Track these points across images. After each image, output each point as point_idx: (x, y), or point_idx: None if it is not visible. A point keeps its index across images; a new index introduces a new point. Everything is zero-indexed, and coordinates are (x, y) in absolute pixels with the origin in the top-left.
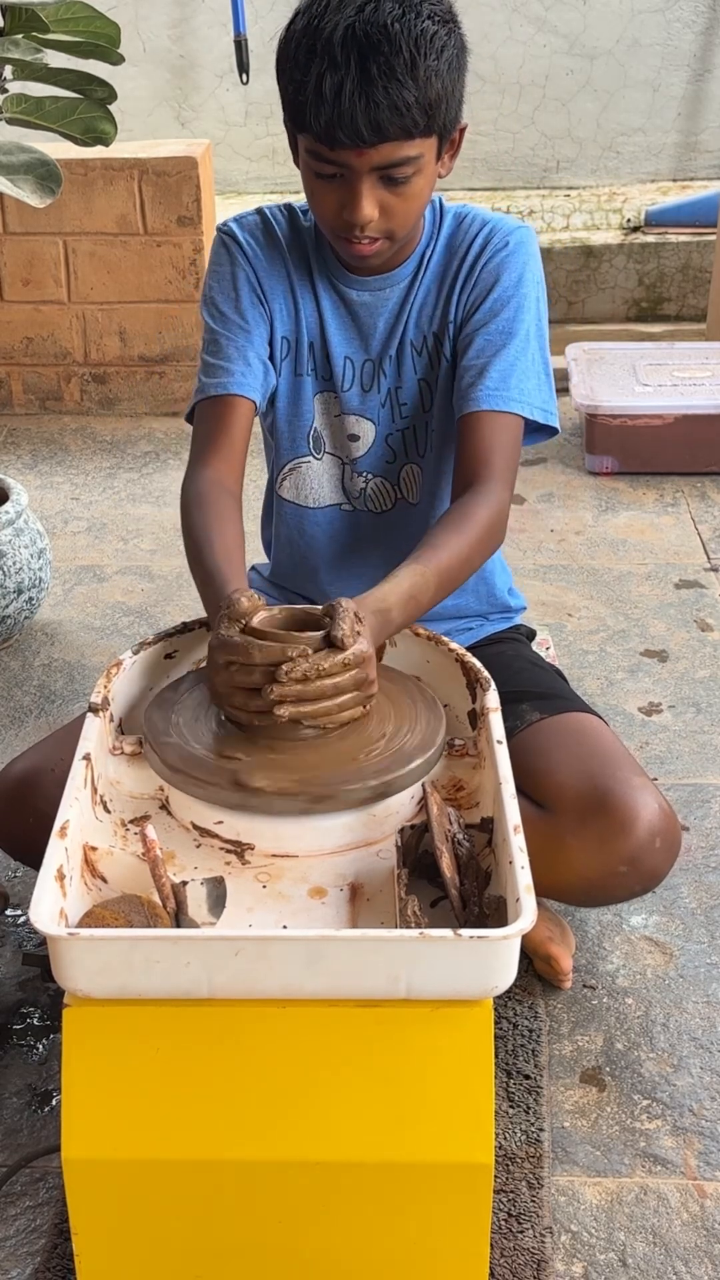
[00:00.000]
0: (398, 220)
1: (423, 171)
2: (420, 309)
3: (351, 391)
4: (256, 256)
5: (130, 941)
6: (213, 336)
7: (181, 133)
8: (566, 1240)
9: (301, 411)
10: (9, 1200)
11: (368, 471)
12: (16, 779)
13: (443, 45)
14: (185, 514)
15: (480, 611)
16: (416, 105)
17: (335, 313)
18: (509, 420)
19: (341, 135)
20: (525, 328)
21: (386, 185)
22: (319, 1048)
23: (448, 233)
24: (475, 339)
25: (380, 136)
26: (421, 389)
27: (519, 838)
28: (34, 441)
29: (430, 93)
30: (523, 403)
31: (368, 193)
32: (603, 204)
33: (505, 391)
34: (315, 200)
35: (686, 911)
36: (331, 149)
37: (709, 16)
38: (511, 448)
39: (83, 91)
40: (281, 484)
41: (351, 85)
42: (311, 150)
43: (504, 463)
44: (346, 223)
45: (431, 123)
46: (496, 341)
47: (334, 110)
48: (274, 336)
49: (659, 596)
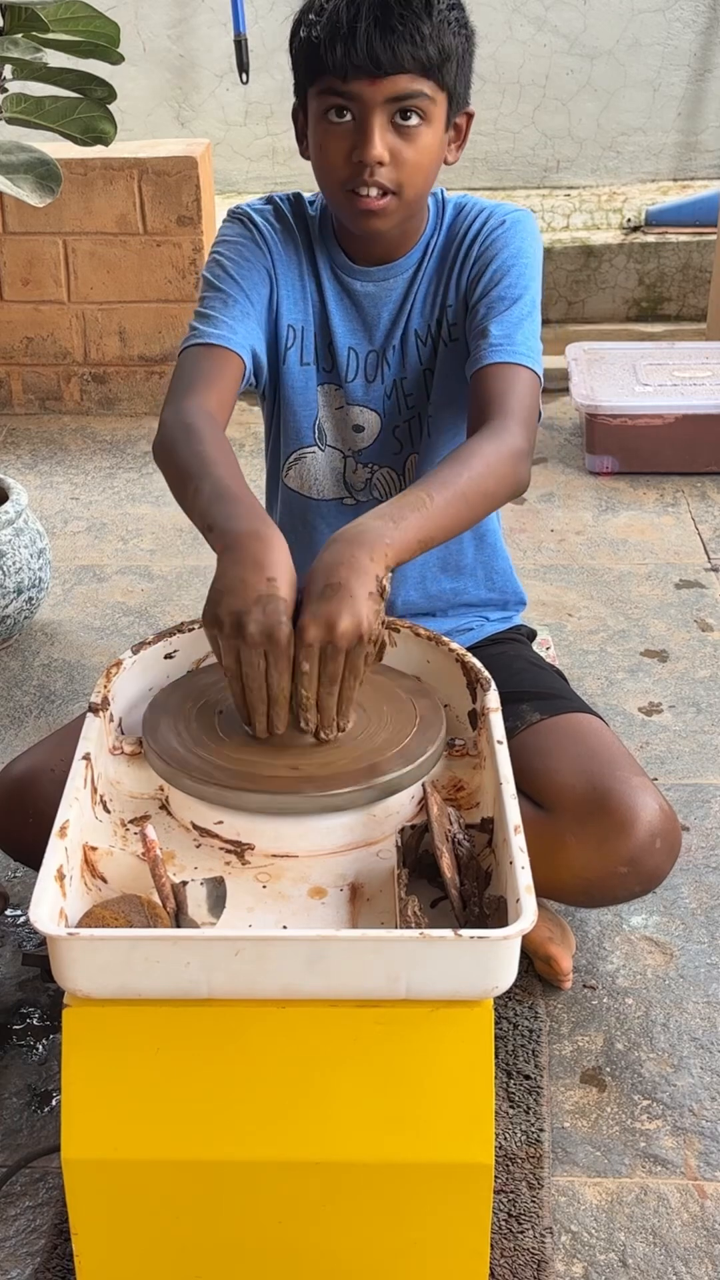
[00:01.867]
0: (406, 171)
1: (431, 124)
2: (424, 297)
3: (356, 383)
4: (274, 239)
5: (130, 941)
6: (215, 293)
7: (181, 132)
8: (566, 1240)
9: (307, 401)
10: (9, 1200)
11: (373, 463)
12: (16, 779)
13: (456, 10)
14: (170, 441)
15: (483, 599)
16: (431, 40)
17: (339, 303)
18: (519, 370)
19: (357, 61)
20: (530, 295)
21: (397, 130)
22: (319, 1048)
23: (449, 221)
24: (479, 307)
25: (395, 65)
26: (425, 378)
27: (519, 838)
28: (34, 441)
29: (443, 38)
30: (530, 359)
31: (379, 130)
32: (603, 204)
33: (512, 346)
34: (325, 152)
35: (686, 911)
36: (345, 81)
37: (709, 16)
38: (525, 395)
39: (82, 91)
40: (287, 473)
41: (368, 19)
42: (325, 90)
43: (517, 404)
44: (358, 164)
45: (444, 72)
46: (499, 307)
47: (350, 39)
48: (280, 323)
49: (659, 596)
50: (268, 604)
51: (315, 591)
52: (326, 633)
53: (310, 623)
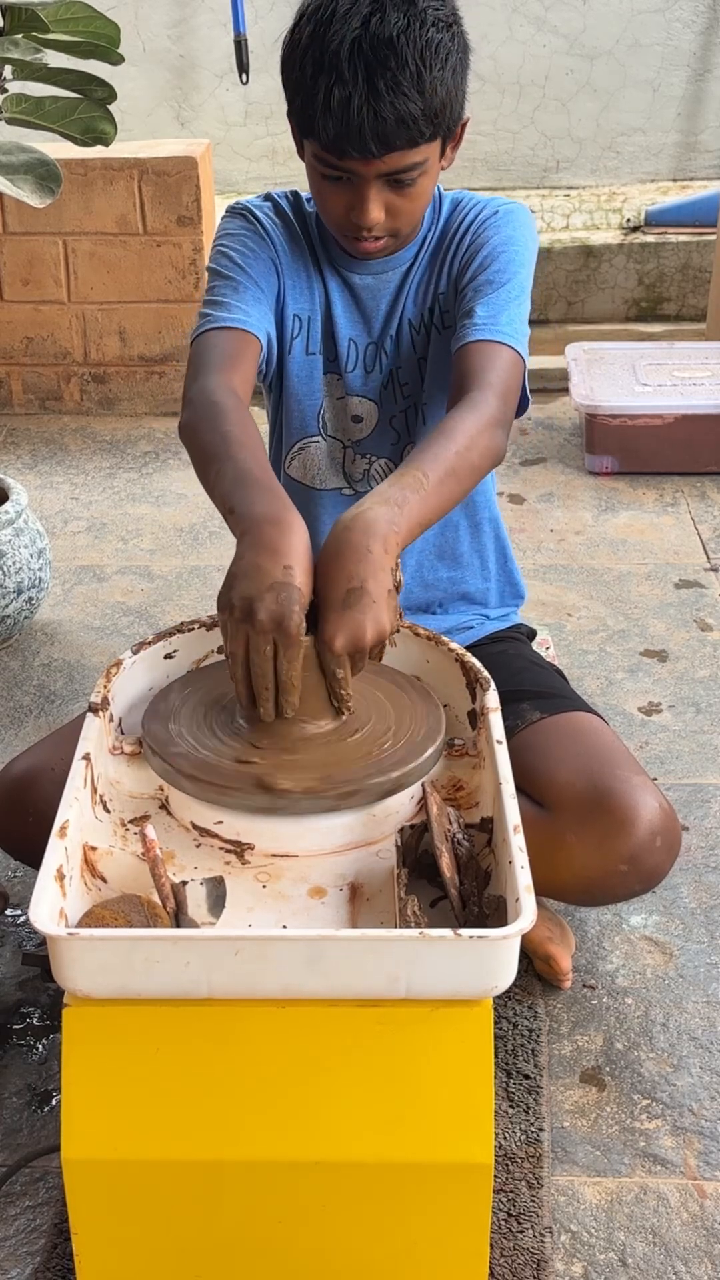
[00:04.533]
0: (403, 219)
1: (428, 173)
2: (418, 287)
3: (355, 373)
4: (275, 231)
5: (130, 941)
6: (224, 281)
7: (181, 133)
8: (566, 1240)
9: (313, 390)
10: (9, 1200)
11: (371, 453)
12: (16, 778)
13: (447, 53)
14: (195, 420)
15: (480, 589)
16: (423, 116)
17: (341, 294)
18: (501, 348)
19: (349, 147)
20: (519, 281)
21: (393, 188)
22: (319, 1048)
23: (445, 216)
24: (467, 290)
25: (387, 148)
26: (420, 367)
27: (519, 837)
28: (34, 441)
29: (435, 102)
30: (515, 340)
31: (374, 197)
32: (603, 204)
33: (496, 325)
34: (322, 200)
35: (686, 911)
36: (339, 159)
37: (709, 16)
38: (505, 371)
39: (82, 91)
40: (290, 463)
41: (359, 99)
42: (318, 155)
43: (495, 378)
44: (354, 224)
45: (436, 129)
46: (486, 290)
47: (342, 123)
48: (286, 313)
49: (659, 596)
50: (281, 591)
51: (338, 597)
52: (355, 643)
53: (339, 633)
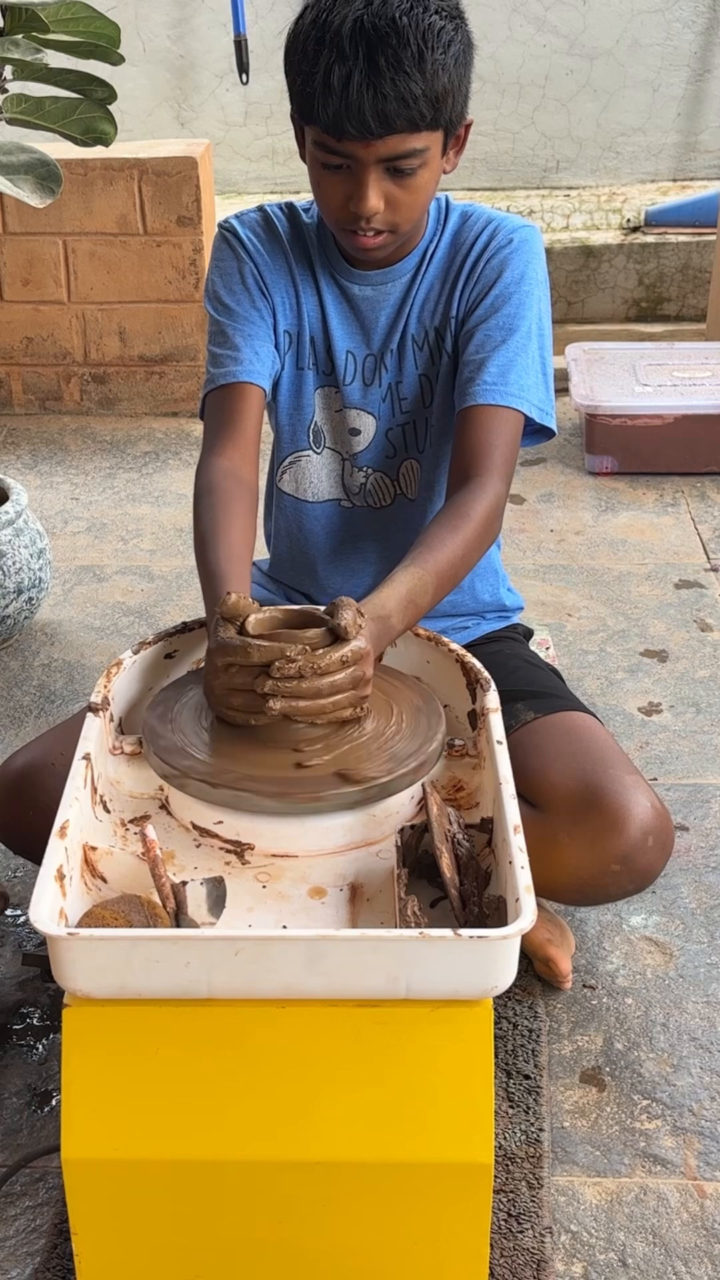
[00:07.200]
0: (402, 213)
1: (428, 165)
2: (423, 304)
3: (353, 386)
4: (258, 250)
5: (130, 941)
6: (218, 328)
7: (181, 133)
8: (566, 1240)
9: (303, 405)
10: (9, 1200)
11: (368, 466)
12: (17, 773)
13: (450, 40)
14: (196, 505)
15: (475, 610)
16: (424, 97)
17: (337, 307)
18: (508, 415)
19: (349, 126)
20: (526, 325)
21: (392, 177)
22: (319, 1048)
23: (453, 229)
24: (476, 333)
25: (387, 128)
26: (422, 384)
27: (519, 838)
28: (34, 441)
29: (437, 86)
30: (522, 399)
31: (373, 184)
32: (602, 204)
33: (504, 386)
34: (321, 192)
35: (686, 911)
36: (339, 140)
37: (709, 16)
38: (510, 443)
39: (83, 91)
40: (281, 477)
41: (359, 77)
42: (318, 141)
43: (502, 458)
44: (352, 214)
45: (438, 116)
46: (496, 337)
47: (342, 101)
48: (276, 329)
49: (659, 596)
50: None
51: None
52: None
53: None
